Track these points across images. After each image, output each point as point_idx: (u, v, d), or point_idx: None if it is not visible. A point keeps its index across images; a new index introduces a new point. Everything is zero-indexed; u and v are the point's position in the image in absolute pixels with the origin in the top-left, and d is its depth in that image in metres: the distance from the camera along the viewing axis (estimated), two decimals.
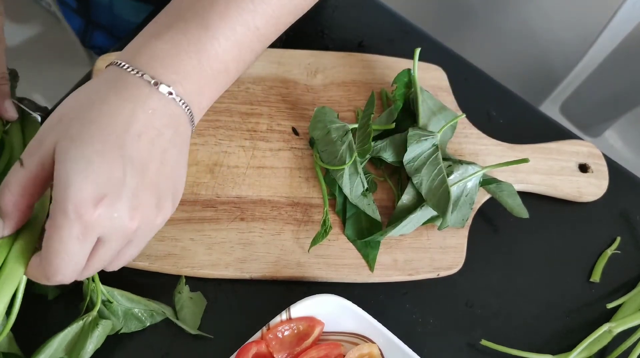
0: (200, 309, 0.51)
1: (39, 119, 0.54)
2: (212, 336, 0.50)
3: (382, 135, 0.57)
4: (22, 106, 0.53)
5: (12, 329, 0.46)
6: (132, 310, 0.49)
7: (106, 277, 0.48)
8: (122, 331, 0.48)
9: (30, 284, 0.42)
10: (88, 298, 0.47)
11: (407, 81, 0.59)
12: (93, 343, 0.45)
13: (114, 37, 0.79)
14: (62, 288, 0.49)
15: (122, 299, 0.48)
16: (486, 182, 0.56)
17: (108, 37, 0.78)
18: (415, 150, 0.54)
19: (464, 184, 0.54)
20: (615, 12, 1.04)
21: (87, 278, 0.46)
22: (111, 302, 0.48)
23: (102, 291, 0.47)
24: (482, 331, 0.54)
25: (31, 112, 0.53)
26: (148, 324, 0.49)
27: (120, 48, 0.60)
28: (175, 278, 0.51)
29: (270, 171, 0.56)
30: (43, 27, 1.13)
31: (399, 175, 0.58)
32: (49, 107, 0.80)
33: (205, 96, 0.42)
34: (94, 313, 0.46)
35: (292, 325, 0.48)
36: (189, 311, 0.50)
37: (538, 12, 1.16)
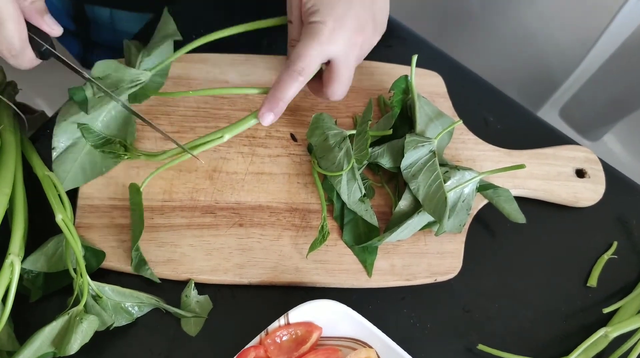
0: (205, 312, 0.51)
1: (25, 119, 0.54)
2: (211, 340, 0.50)
3: (379, 141, 0.57)
4: (16, 109, 0.53)
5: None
6: (122, 304, 0.49)
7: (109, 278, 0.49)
8: (113, 325, 0.48)
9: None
10: (76, 293, 0.47)
11: (405, 87, 0.59)
12: (79, 337, 0.45)
13: (116, 51, 0.80)
14: (45, 288, 0.50)
15: (112, 293, 0.49)
16: (483, 188, 0.56)
17: (109, 53, 0.79)
18: (413, 156, 0.54)
19: (461, 190, 0.54)
20: (614, 16, 1.04)
21: (76, 273, 0.47)
22: (100, 297, 0.48)
23: (91, 285, 0.47)
24: (479, 336, 0.54)
25: (20, 113, 0.53)
26: (136, 317, 0.50)
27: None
28: (181, 283, 0.52)
29: (268, 177, 0.57)
30: None
31: (396, 181, 0.58)
32: (46, 111, 0.81)
33: None
34: (80, 307, 0.46)
35: (290, 330, 0.48)
36: (194, 314, 0.51)
37: (537, 16, 1.16)
